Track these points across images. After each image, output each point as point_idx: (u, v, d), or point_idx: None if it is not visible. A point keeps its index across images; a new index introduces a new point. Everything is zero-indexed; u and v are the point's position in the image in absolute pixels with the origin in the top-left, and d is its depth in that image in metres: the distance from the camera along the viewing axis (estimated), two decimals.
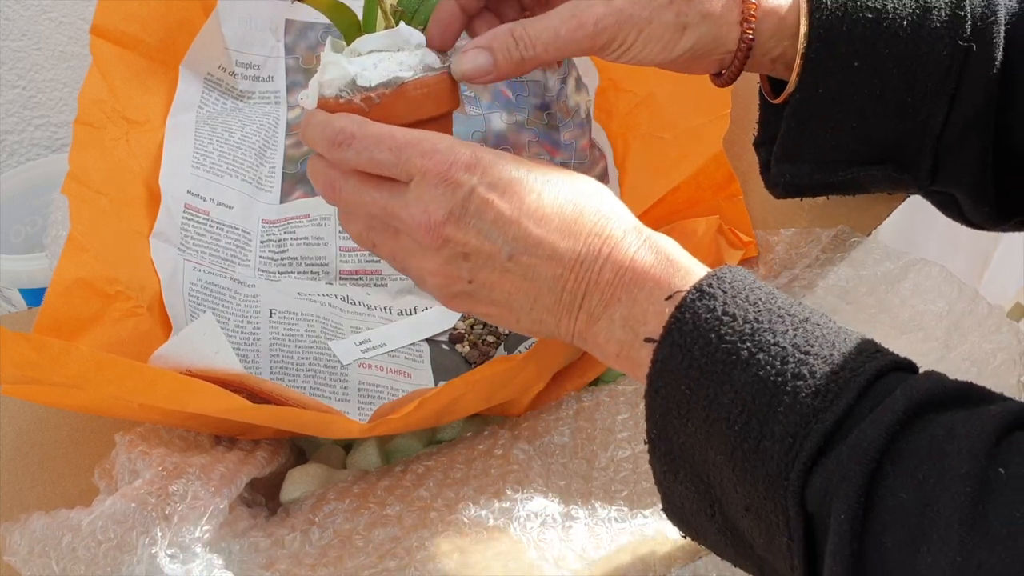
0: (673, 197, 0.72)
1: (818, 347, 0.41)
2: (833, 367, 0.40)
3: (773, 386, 0.40)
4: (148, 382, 0.55)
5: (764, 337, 0.41)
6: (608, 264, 0.46)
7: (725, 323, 0.42)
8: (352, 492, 0.59)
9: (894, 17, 0.51)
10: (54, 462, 0.64)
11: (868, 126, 0.53)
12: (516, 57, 0.51)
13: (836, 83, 0.52)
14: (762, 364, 0.40)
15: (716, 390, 0.41)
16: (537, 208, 0.47)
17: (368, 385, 0.71)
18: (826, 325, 0.42)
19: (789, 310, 0.42)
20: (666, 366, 0.43)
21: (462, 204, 0.47)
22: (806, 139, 0.54)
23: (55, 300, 0.65)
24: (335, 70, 0.50)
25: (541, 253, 0.47)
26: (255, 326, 0.73)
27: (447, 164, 0.47)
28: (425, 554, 0.54)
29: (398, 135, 0.48)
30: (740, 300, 0.42)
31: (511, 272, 0.47)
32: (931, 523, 0.36)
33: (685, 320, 0.42)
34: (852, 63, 0.52)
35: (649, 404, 0.44)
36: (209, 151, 0.77)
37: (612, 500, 0.57)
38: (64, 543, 0.52)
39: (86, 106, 0.72)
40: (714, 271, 0.44)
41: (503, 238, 0.47)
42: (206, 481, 0.55)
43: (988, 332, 0.61)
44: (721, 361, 0.41)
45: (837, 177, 0.56)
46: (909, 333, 0.63)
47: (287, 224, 0.77)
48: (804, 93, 0.53)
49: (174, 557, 0.51)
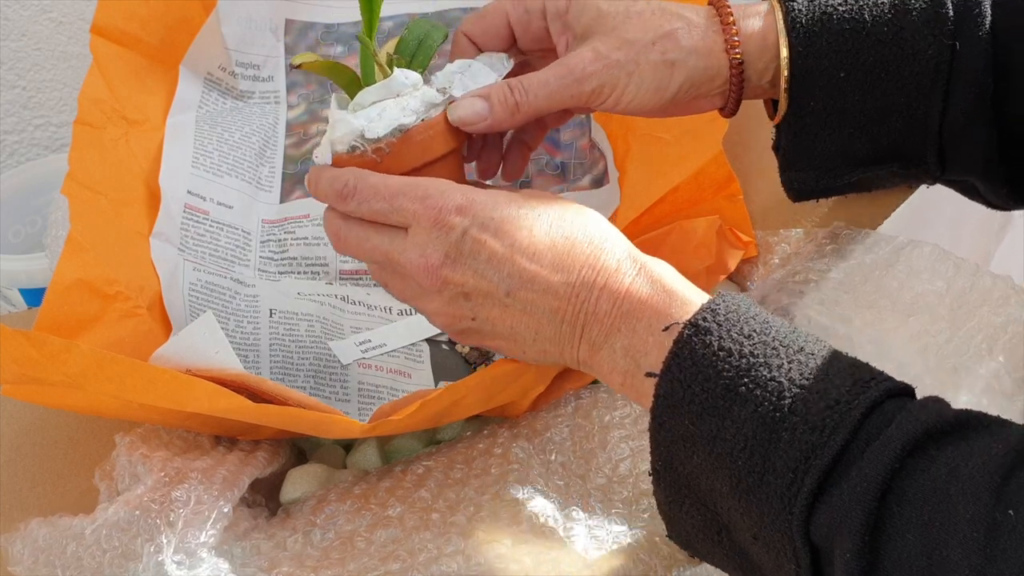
0: (673, 197, 0.71)
1: (813, 380, 0.41)
2: (828, 401, 0.40)
3: (772, 422, 0.41)
4: (148, 381, 0.55)
5: (760, 372, 0.42)
6: (604, 295, 0.47)
7: (721, 358, 0.43)
8: (353, 493, 0.59)
9: (873, 24, 0.52)
10: (54, 463, 0.64)
11: (865, 130, 0.54)
12: (511, 104, 0.53)
13: (825, 95, 0.54)
14: (760, 400, 0.41)
15: (718, 425, 0.42)
16: (530, 244, 0.48)
17: (368, 385, 0.71)
18: (820, 354, 0.43)
19: (783, 340, 0.43)
20: (668, 401, 0.44)
21: (456, 246, 0.49)
22: (805, 149, 0.56)
23: (55, 300, 0.65)
24: (343, 127, 0.52)
25: (537, 287, 0.48)
26: (255, 326, 0.73)
27: (438, 208, 0.49)
28: (427, 556, 0.54)
29: (392, 184, 0.50)
30: (735, 333, 0.43)
31: (511, 307, 0.49)
32: (941, 568, 0.36)
33: (683, 356, 0.43)
34: (838, 74, 0.53)
35: (654, 437, 0.45)
36: (209, 151, 0.77)
37: (611, 499, 0.57)
38: (68, 552, 0.52)
39: (86, 106, 0.72)
40: (708, 303, 0.45)
41: (499, 276, 0.48)
42: (209, 485, 0.55)
43: (996, 305, 0.61)
44: (721, 397, 0.42)
45: (843, 180, 0.57)
46: (915, 315, 0.62)
47: (287, 224, 0.77)
48: (796, 108, 0.54)
49: (180, 563, 0.51)
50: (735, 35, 0.53)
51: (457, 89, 0.54)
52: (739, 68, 0.54)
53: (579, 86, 0.53)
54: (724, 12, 0.54)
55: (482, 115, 0.53)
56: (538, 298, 0.48)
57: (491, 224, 0.48)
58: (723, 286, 0.72)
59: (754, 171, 0.72)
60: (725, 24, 0.54)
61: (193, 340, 0.59)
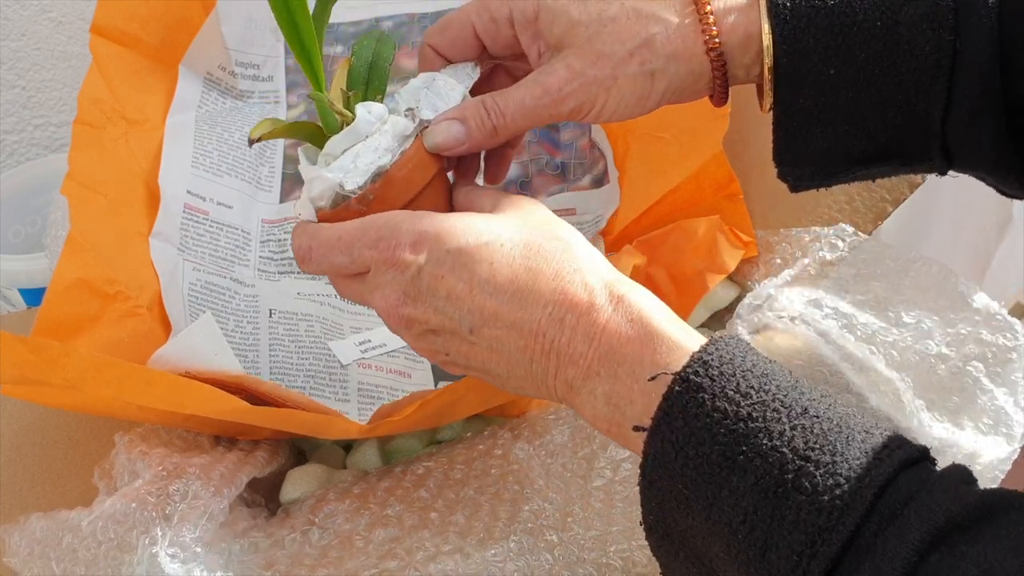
0: (673, 197, 0.72)
1: (818, 451, 0.38)
2: (836, 479, 0.37)
3: (774, 497, 0.38)
4: (146, 383, 0.55)
5: (760, 440, 0.39)
6: (578, 333, 0.44)
7: (716, 420, 0.39)
8: (352, 493, 0.59)
9: (864, 18, 0.48)
10: (54, 462, 0.64)
11: (861, 128, 0.51)
12: (488, 127, 0.51)
13: (815, 93, 0.50)
14: (760, 472, 0.38)
15: (715, 493, 0.39)
16: (489, 278, 0.45)
17: (368, 385, 0.71)
18: (826, 416, 0.39)
19: (785, 400, 0.40)
20: (660, 461, 0.41)
21: (413, 284, 0.46)
22: (798, 146, 0.52)
23: (55, 300, 0.65)
24: (320, 184, 0.50)
25: (500, 325, 0.45)
26: (255, 326, 0.73)
27: (391, 249, 0.46)
28: (425, 555, 0.54)
29: (345, 235, 0.48)
30: (730, 391, 0.40)
31: (477, 344, 0.46)
32: None
33: (674, 415, 0.40)
34: (827, 71, 0.49)
35: (644, 494, 0.42)
36: (209, 151, 0.77)
37: (612, 500, 0.57)
38: (64, 544, 0.52)
39: (86, 106, 0.72)
40: (699, 353, 0.41)
41: (459, 313, 0.46)
42: (206, 481, 0.55)
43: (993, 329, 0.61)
44: (717, 464, 0.39)
45: (840, 178, 0.54)
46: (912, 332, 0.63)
47: (287, 224, 0.77)
48: (784, 105, 0.51)
49: (175, 557, 0.51)
50: (715, 36, 0.50)
51: (425, 109, 0.52)
52: (722, 69, 0.51)
53: (557, 107, 0.51)
54: (703, 10, 0.51)
55: (459, 140, 0.51)
56: (503, 335, 0.45)
57: (448, 259, 0.46)
58: (723, 286, 0.72)
59: (754, 171, 0.72)
60: (704, 24, 0.50)
61: (192, 341, 0.59)
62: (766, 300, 0.67)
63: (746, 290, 0.71)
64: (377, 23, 0.81)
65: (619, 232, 0.73)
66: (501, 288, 0.45)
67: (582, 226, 0.76)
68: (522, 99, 0.51)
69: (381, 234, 0.47)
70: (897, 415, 0.59)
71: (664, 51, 0.50)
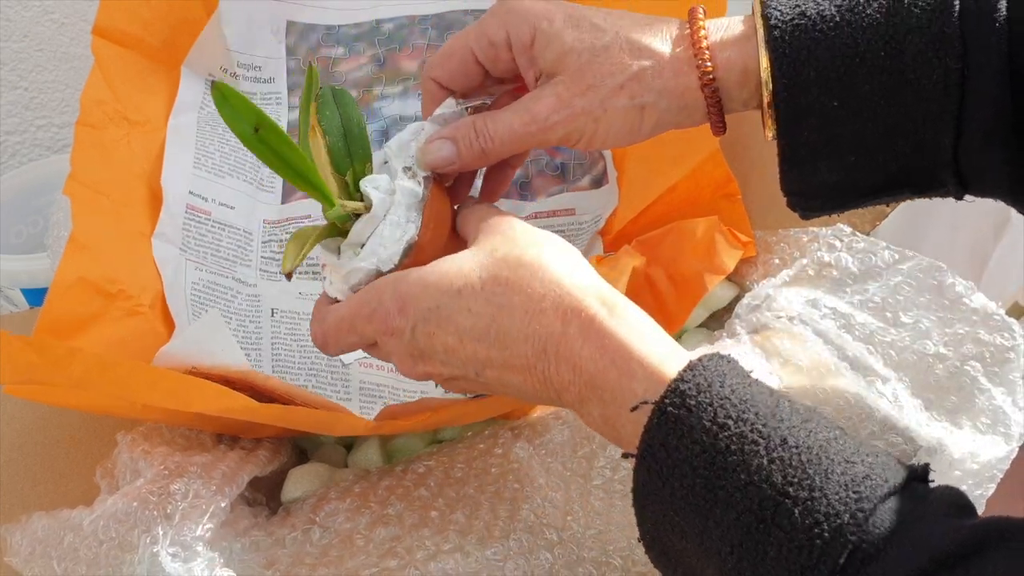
0: (670, 196, 0.72)
1: (796, 486, 0.37)
2: (815, 516, 0.37)
3: (756, 533, 0.38)
4: (151, 382, 0.55)
5: (738, 475, 0.38)
6: (562, 364, 0.44)
7: (696, 453, 0.39)
8: (353, 492, 0.59)
9: (867, 49, 0.47)
10: (55, 462, 0.65)
11: (870, 159, 0.49)
12: (477, 149, 0.51)
13: (819, 124, 0.48)
14: (741, 508, 0.38)
15: (703, 524, 0.39)
16: (472, 327, 0.46)
17: (369, 384, 0.71)
18: (805, 446, 0.38)
19: (763, 430, 0.39)
20: (648, 489, 0.41)
21: (413, 345, 0.48)
22: (805, 179, 0.51)
23: (57, 299, 0.66)
24: (358, 274, 0.50)
25: (496, 366, 0.46)
26: (257, 325, 0.73)
27: (384, 319, 0.48)
28: (425, 553, 0.54)
29: (346, 315, 0.49)
30: (707, 422, 0.39)
31: (489, 384, 0.48)
32: None
33: (655, 446, 0.40)
34: (830, 104, 0.48)
35: (639, 516, 0.42)
36: (211, 152, 0.78)
37: (611, 499, 0.57)
38: (65, 543, 0.53)
39: (88, 107, 0.72)
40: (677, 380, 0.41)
41: (460, 363, 0.47)
42: (207, 480, 0.55)
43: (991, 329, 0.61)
44: (701, 496, 0.39)
45: (851, 206, 0.53)
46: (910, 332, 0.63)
47: (288, 224, 0.77)
48: (788, 139, 0.49)
49: (176, 556, 0.51)
50: (710, 72, 0.49)
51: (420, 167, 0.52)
52: (717, 104, 0.50)
53: (544, 134, 0.51)
54: (698, 45, 0.49)
55: (450, 160, 0.51)
56: (503, 375, 0.46)
57: (432, 316, 0.46)
58: (722, 286, 0.72)
59: (754, 171, 0.72)
60: (699, 59, 0.49)
61: (198, 337, 0.59)
62: (765, 300, 0.67)
63: (745, 290, 0.71)
64: (377, 25, 0.81)
65: (617, 232, 0.73)
66: (484, 333, 0.46)
67: (582, 226, 0.76)
68: (510, 124, 0.51)
69: (372, 307, 0.48)
70: (895, 415, 0.59)
71: (655, 86, 0.50)
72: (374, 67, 0.80)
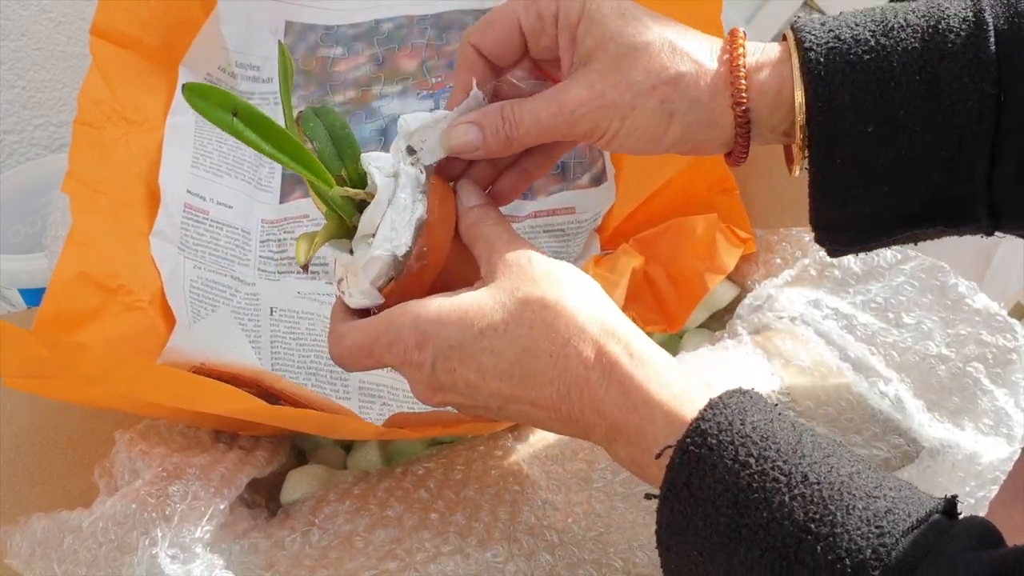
0: (666, 191, 0.72)
1: (818, 523, 0.38)
2: (837, 553, 0.37)
3: (780, 569, 0.38)
4: (159, 381, 0.55)
5: (760, 513, 0.38)
6: (586, 407, 0.45)
7: (719, 492, 0.40)
8: (352, 493, 0.59)
9: (902, 72, 0.46)
10: (54, 462, 0.64)
11: (902, 188, 0.48)
12: (503, 136, 0.51)
13: (852, 151, 0.47)
14: (764, 545, 0.38)
15: (727, 561, 0.39)
16: (494, 366, 0.46)
17: (369, 384, 0.71)
18: (826, 482, 0.39)
19: (783, 467, 0.39)
20: (672, 530, 0.41)
21: (434, 378, 0.47)
22: (836, 210, 0.50)
23: (56, 294, 0.65)
24: (376, 264, 0.49)
25: (522, 402, 0.46)
26: (256, 323, 0.73)
27: (403, 352, 0.47)
28: (425, 555, 0.54)
29: (363, 341, 0.49)
30: (728, 460, 0.40)
31: (511, 415, 0.48)
32: None
33: (678, 487, 0.41)
34: (864, 130, 0.47)
35: (662, 557, 0.42)
36: (209, 151, 0.77)
37: (612, 501, 0.57)
38: (65, 545, 0.52)
39: (86, 106, 0.72)
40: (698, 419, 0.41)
41: (482, 397, 0.47)
42: (206, 482, 0.55)
43: (993, 330, 0.61)
44: (725, 535, 0.39)
45: (882, 241, 0.52)
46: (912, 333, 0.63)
47: (286, 224, 0.77)
48: (820, 166, 0.48)
49: (175, 558, 0.51)
50: (743, 90, 0.48)
51: (427, 154, 0.51)
52: (746, 127, 0.49)
53: (570, 127, 0.50)
54: (735, 63, 0.48)
55: (475, 145, 0.51)
56: (527, 410, 0.47)
57: (453, 354, 0.46)
58: (723, 286, 0.72)
59: (755, 171, 0.72)
60: (734, 75, 0.48)
61: (209, 334, 0.59)
62: (766, 300, 0.67)
63: (746, 290, 0.71)
64: (376, 25, 0.81)
65: (614, 228, 0.73)
66: (508, 373, 0.46)
67: (581, 224, 0.76)
68: (537, 113, 0.50)
69: (390, 339, 0.48)
70: (897, 416, 0.59)
71: (688, 95, 0.49)
72: (373, 67, 0.80)
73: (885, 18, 0.47)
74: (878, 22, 0.47)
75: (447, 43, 0.80)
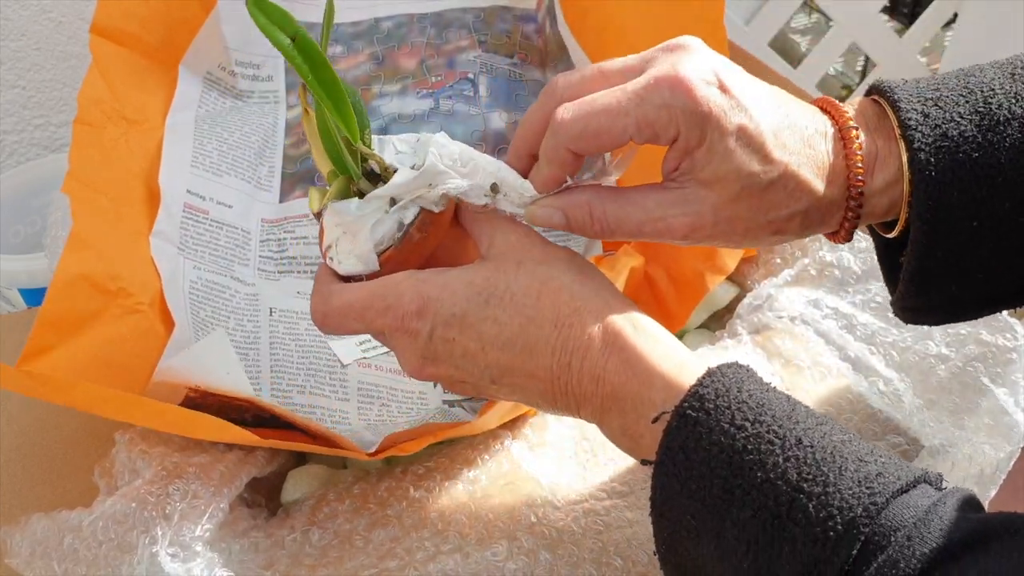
0: None
1: (811, 482, 0.38)
2: (829, 510, 0.38)
3: (772, 528, 0.38)
4: (154, 413, 0.55)
5: (755, 473, 0.39)
6: (584, 376, 0.45)
7: (714, 455, 0.40)
8: (352, 493, 0.59)
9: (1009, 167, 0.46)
10: (54, 462, 0.64)
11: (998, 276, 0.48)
12: (589, 232, 0.49)
13: (955, 245, 0.47)
14: (757, 505, 0.39)
15: (720, 524, 0.40)
16: (497, 335, 0.46)
17: (368, 385, 0.71)
18: (819, 446, 0.39)
19: (779, 431, 0.40)
20: (667, 495, 0.42)
21: (428, 347, 0.47)
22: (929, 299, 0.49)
23: (56, 296, 0.65)
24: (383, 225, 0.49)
25: (518, 374, 0.47)
26: (255, 324, 0.73)
27: (400, 318, 0.47)
28: (425, 554, 0.54)
29: (356, 303, 0.48)
30: (725, 423, 0.40)
31: (503, 388, 0.48)
32: None
33: (674, 450, 0.41)
34: (969, 224, 0.46)
35: (656, 524, 0.43)
36: (208, 150, 0.77)
37: (611, 500, 0.57)
38: (65, 544, 0.52)
39: (85, 106, 0.72)
40: (695, 388, 0.42)
41: (478, 368, 0.47)
42: (206, 480, 0.55)
43: (993, 330, 0.61)
44: (719, 497, 0.40)
45: (972, 319, 0.52)
46: (912, 333, 0.63)
47: (286, 223, 0.77)
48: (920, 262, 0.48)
49: (175, 556, 0.51)
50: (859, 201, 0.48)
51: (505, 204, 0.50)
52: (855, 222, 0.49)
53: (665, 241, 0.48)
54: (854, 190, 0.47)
55: (556, 226, 0.49)
56: (523, 381, 0.47)
57: (454, 321, 0.46)
58: (723, 286, 0.72)
59: None
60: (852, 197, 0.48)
61: (203, 356, 0.59)
62: (766, 300, 0.67)
63: (746, 290, 0.71)
64: (376, 23, 0.81)
65: None
66: (510, 342, 0.46)
67: None
68: (640, 225, 0.48)
69: (388, 302, 0.47)
70: (897, 416, 0.59)
71: (800, 221, 0.48)
72: (372, 65, 0.80)
73: (989, 110, 0.47)
74: (982, 114, 0.47)
75: (447, 42, 0.80)
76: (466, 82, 0.79)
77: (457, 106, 0.78)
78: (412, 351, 0.48)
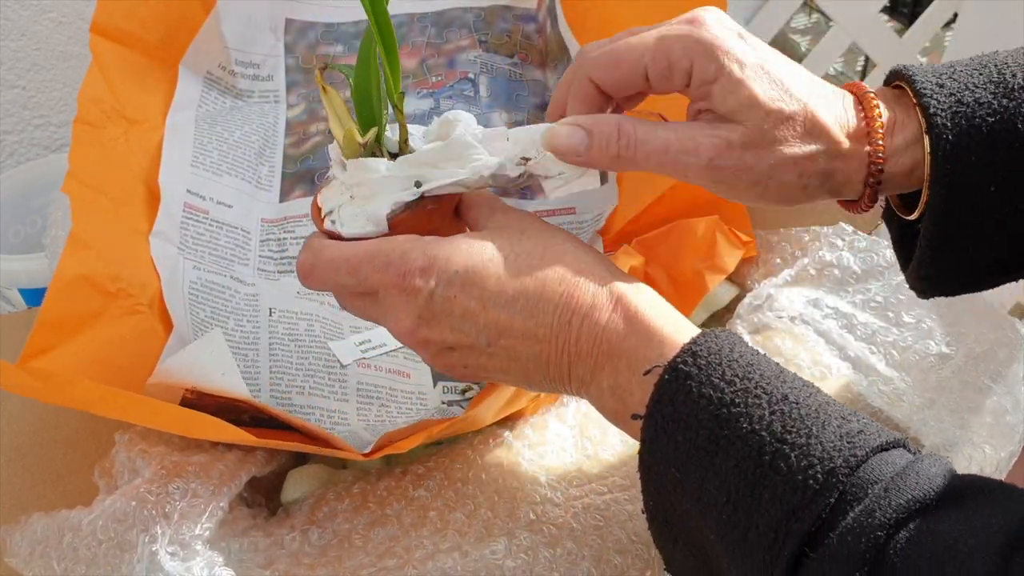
0: (671, 195, 0.71)
1: (794, 434, 0.39)
2: (810, 460, 0.39)
3: (753, 477, 0.39)
4: (152, 413, 0.55)
5: (740, 424, 0.40)
6: (584, 333, 0.46)
7: (702, 406, 0.41)
8: (352, 492, 0.59)
9: None
10: (54, 462, 0.64)
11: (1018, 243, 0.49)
12: (612, 152, 0.49)
13: (971, 210, 0.48)
14: (740, 454, 0.40)
15: (703, 475, 0.41)
16: (499, 292, 0.46)
17: (367, 385, 0.71)
18: (805, 402, 0.41)
19: (767, 387, 0.41)
20: (654, 447, 0.43)
21: (427, 307, 0.47)
22: (945, 266, 0.50)
23: (56, 296, 0.65)
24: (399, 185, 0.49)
25: (515, 334, 0.47)
26: (255, 324, 0.73)
27: (401, 275, 0.47)
28: (424, 553, 0.54)
29: (352, 257, 0.48)
30: (715, 378, 0.42)
31: (496, 355, 0.48)
32: None
33: (664, 402, 0.42)
34: (988, 189, 0.47)
35: (644, 479, 0.44)
36: (208, 150, 0.77)
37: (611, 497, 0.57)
38: (65, 543, 0.53)
39: (85, 105, 0.72)
40: (688, 344, 0.43)
41: (475, 329, 0.47)
42: (206, 479, 0.55)
43: (990, 328, 0.61)
44: (703, 448, 0.41)
45: (986, 288, 0.52)
46: (912, 332, 0.63)
47: (286, 223, 0.77)
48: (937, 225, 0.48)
49: (174, 555, 0.51)
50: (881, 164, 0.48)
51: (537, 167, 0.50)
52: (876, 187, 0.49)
53: (698, 172, 0.48)
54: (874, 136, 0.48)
55: (577, 151, 0.49)
56: (519, 344, 0.47)
57: (457, 279, 0.47)
58: (723, 286, 0.72)
59: None
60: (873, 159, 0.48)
61: (200, 357, 0.59)
62: (766, 300, 0.67)
63: (746, 290, 0.71)
64: None
65: (617, 231, 0.73)
66: (512, 300, 0.47)
67: (582, 225, 0.76)
68: (667, 144, 0.48)
69: (391, 259, 0.47)
70: (897, 415, 0.59)
71: (822, 168, 0.48)
72: None
73: (1003, 79, 0.47)
74: (996, 83, 0.47)
75: (447, 41, 0.80)
76: (466, 82, 0.79)
77: (457, 106, 0.78)
78: (407, 311, 0.48)
